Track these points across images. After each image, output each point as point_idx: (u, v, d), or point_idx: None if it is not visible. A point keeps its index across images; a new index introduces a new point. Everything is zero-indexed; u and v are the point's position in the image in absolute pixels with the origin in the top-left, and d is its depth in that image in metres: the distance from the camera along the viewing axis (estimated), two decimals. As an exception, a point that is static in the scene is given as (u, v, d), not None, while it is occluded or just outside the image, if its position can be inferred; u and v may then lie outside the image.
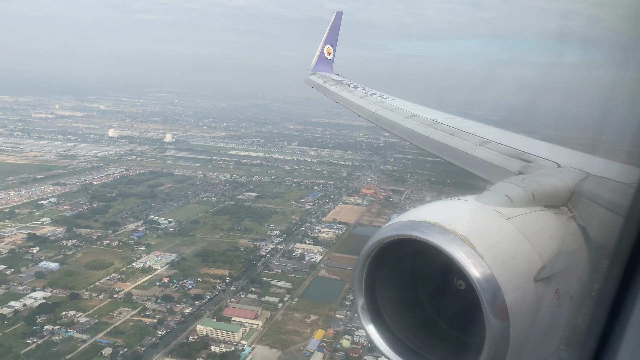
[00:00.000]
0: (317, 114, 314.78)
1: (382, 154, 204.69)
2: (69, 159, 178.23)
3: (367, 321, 4.43)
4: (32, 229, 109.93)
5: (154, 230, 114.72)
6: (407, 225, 4.06)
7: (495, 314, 3.59)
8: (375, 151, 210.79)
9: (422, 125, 10.81)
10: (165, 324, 76.84)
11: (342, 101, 16.89)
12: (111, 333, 74.24)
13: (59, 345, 70.56)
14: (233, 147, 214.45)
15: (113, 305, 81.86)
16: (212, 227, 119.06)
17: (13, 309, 78.26)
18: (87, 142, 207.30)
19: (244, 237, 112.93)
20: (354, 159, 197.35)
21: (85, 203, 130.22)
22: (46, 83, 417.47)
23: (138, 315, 79.25)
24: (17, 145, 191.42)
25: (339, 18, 24.80)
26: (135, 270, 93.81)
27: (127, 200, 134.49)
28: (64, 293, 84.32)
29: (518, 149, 7.48)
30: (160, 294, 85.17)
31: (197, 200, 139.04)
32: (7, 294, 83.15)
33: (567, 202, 5.04)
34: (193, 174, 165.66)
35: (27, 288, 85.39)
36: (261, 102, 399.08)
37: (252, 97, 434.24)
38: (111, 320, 77.37)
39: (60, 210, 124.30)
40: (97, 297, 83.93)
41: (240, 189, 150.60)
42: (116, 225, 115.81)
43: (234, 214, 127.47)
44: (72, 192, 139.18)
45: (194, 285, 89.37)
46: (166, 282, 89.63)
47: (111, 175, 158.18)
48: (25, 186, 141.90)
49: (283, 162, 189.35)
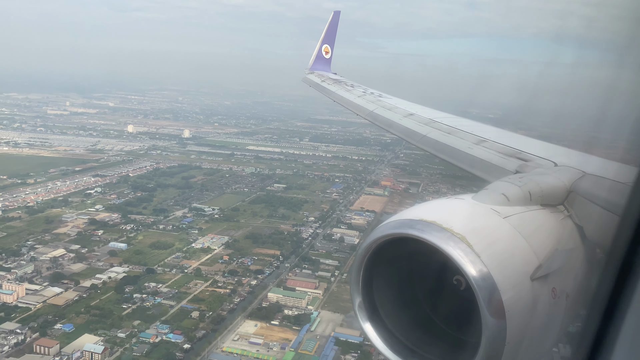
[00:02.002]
0: (320, 112, 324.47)
1: (391, 149, 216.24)
2: (97, 153, 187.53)
3: (364, 319, 4.43)
4: (90, 215, 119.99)
5: (200, 216, 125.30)
6: (404, 223, 4.08)
7: (492, 312, 3.62)
8: (384, 147, 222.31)
9: (420, 124, 10.80)
10: (238, 293, 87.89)
11: (340, 100, 16.77)
12: (193, 300, 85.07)
13: (152, 310, 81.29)
14: (248, 142, 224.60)
15: (186, 278, 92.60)
16: (252, 214, 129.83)
17: (101, 280, 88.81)
18: (108, 137, 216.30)
19: (283, 223, 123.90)
20: (365, 154, 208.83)
21: (129, 193, 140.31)
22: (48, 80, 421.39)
23: (211, 286, 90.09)
24: (44, 140, 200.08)
25: (337, 17, 24.73)
26: (196, 250, 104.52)
27: (166, 191, 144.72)
28: (139, 269, 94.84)
29: (515, 147, 7.47)
30: (225, 270, 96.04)
31: (230, 191, 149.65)
32: (90, 269, 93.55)
33: (564, 201, 5.04)
34: (219, 168, 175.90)
35: (106, 264, 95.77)
36: (262, 100, 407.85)
37: (251, 95, 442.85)
38: (189, 290, 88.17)
39: (108, 199, 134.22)
40: (170, 272, 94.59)
41: (267, 181, 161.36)
42: (164, 212, 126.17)
43: (269, 203, 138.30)
44: (112, 183, 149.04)
45: (252, 262, 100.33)
46: (227, 260, 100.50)
47: (144, 168, 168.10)
48: (67, 177, 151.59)
49: (300, 156, 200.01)
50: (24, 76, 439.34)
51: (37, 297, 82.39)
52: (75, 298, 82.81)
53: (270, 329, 78.47)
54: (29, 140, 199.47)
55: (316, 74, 22.10)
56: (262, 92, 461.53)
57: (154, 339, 73.30)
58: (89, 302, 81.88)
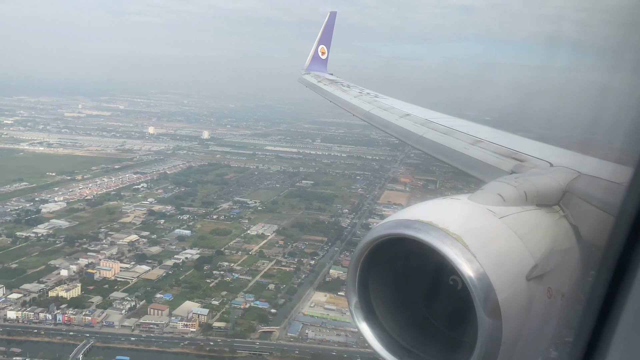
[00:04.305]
0: (324, 115, 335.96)
1: (401, 149, 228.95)
2: (128, 152, 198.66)
3: (360, 319, 4.44)
4: (146, 207, 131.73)
5: (245, 208, 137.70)
6: (401, 223, 4.08)
7: (488, 312, 3.65)
8: (393, 147, 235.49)
9: (416, 125, 10.82)
10: (301, 270, 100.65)
11: (336, 100, 16.78)
12: (264, 276, 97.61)
13: (233, 283, 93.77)
14: (264, 143, 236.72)
15: (252, 259, 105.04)
16: (290, 206, 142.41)
17: (180, 260, 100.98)
18: (132, 138, 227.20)
19: (321, 214, 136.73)
20: (378, 154, 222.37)
21: (173, 188, 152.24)
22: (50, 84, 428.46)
23: (276, 265, 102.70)
24: (74, 141, 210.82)
25: (333, 18, 24.69)
26: (252, 236, 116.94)
27: (206, 186, 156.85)
28: (209, 251, 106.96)
29: (511, 148, 7.50)
30: (284, 252, 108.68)
31: (264, 187, 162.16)
32: (165, 251, 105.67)
33: (559, 201, 5.06)
34: (247, 166, 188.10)
35: (178, 247, 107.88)
36: (264, 103, 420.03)
37: (252, 98, 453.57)
38: (259, 268, 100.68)
39: (156, 193, 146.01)
40: (237, 254, 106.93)
41: (294, 178, 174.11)
42: (212, 204, 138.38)
43: (302, 197, 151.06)
44: (154, 179, 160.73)
45: (305, 246, 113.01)
46: (282, 244, 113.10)
47: (178, 166, 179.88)
48: (109, 175, 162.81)
49: (317, 156, 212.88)
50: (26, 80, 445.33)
51: (131, 273, 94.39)
52: (163, 274, 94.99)
53: (339, 298, 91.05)
54: (59, 141, 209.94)
55: (312, 75, 22.10)
56: (263, 96, 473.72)
57: (244, 305, 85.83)
58: (176, 277, 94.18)
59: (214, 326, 79.80)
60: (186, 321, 79.17)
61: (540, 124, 33.97)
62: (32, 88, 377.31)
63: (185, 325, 78.52)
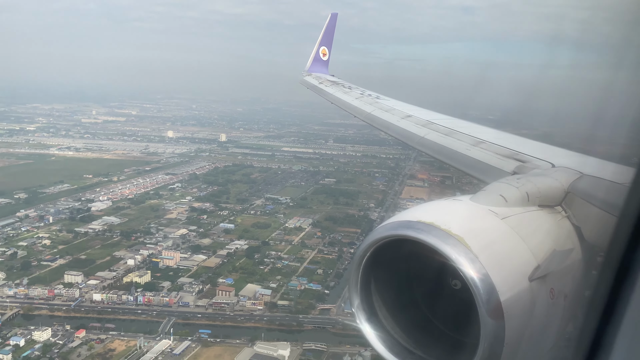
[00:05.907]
0: (331, 116, 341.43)
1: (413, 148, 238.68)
2: (153, 155, 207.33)
3: (362, 321, 4.43)
4: (186, 204, 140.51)
5: (277, 204, 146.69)
6: (403, 224, 4.08)
7: (490, 314, 3.65)
8: (405, 146, 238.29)
9: (417, 126, 10.83)
10: (343, 257, 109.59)
11: (338, 102, 16.64)
12: (311, 263, 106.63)
13: (284, 269, 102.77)
14: (280, 145, 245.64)
15: (296, 249, 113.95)
16: (319, 202, 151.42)
17: (232, 249, 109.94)
18: (153, 142, 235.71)
19: (350, 209, 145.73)
20: (391, 153, 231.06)
21: (206, 187, 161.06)
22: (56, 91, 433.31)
23: (319, 254, 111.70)
24: (99, 145, 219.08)
25: (334, 19, 24.81)
26: (291, 229, 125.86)
27: (236, 185, 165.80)
28: (255, 242, 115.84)
29: (512, 149, 7.48)
30: (323, 242, 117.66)
31: (290, 185, 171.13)
32: (216, 243, 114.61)
33: (562, 202, 5.06)
34: (269, 166, 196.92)
35: (226, 239, 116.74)
36: (270, 107, 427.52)
37: (257, 101, 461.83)
38: (304, 256, 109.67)
39: (191, 192, 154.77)
40: (280, 244, 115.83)
41: (317, 177, 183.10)
42: (246, 201, 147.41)
43: (328, 194, 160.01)
44: (185, 179, 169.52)
45: (342, 237, 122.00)
46: (320, 235, 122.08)
47: (205, 167, 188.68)
48: (142, 176, 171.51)
49: (333, 156, 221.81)
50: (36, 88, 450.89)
51: (190, 262, 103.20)
52: (220, 262, 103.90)
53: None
54: (85, 145, 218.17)
55: (314, 76, 22.07)
56: (268, 99, 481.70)
57: (300, 287, 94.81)
58: (232, 265, 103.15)
59: (278, 304, 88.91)
60: (254, 300, 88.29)
61: (543, 122, 33.53)
62: (43, 95, 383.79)
63: (253, 304, 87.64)
